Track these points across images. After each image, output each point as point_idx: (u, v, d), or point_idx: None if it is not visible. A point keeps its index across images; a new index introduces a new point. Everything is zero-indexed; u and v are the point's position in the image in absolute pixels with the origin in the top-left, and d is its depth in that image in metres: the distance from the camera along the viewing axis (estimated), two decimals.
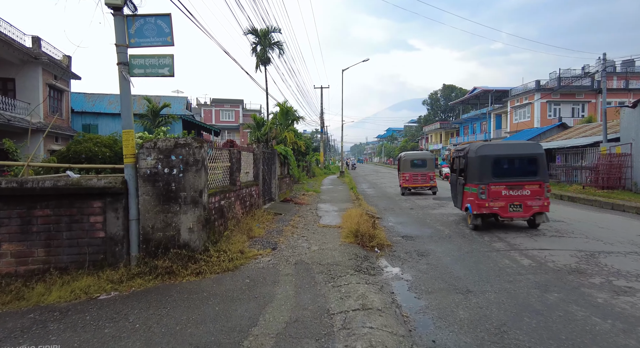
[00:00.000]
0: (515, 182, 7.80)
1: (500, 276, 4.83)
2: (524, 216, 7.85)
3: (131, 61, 5.31)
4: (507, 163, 8.29)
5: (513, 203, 7.70)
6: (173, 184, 5.35)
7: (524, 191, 7.75)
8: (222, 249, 5.62)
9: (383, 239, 6.81)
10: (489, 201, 7.70)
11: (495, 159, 8.01)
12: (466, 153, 8.75)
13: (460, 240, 7.04)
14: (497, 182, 7.79)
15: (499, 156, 8.13)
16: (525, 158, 8.21)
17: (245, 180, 8.68)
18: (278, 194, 12.33)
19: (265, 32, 25.55)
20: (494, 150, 8.24)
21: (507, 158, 8.30)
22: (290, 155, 13.93)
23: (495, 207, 7.68)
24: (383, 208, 11.89)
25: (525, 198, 7.71)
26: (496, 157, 8.05)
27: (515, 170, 8.20)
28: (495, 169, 7.95)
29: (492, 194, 7.72)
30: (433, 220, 9.36)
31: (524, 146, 8.97)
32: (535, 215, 7.80)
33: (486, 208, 7.73)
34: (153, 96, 24.95)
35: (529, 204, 7.69)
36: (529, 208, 7.70)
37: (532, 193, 7.73)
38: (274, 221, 8.66)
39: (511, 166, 8.28)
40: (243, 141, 41.09)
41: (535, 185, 7.80)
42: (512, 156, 8.30)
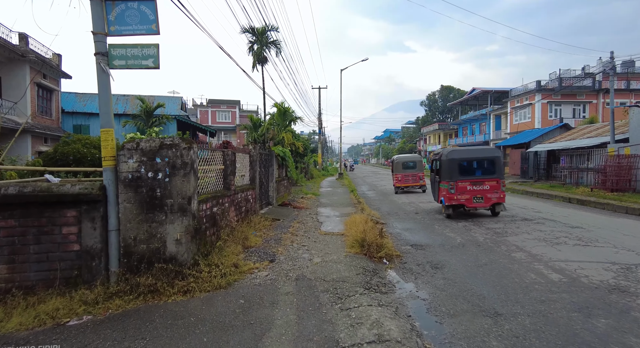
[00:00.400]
0: (477, 179, 9.70)
1: (529, 295, 4.26)
2: (485, 206, 9.77)
3: (110, 51, 4.70)
4: (471, 164, 10.07)
5: (476, 195, 9.61)
6: (158, 190, 4.74)
7: (485, 186, 9.65)
8: (213, 262, 5.02)
9: (391, 249, 6.22)
10: (457, 194, 9.60)
11: (461, 161, 9.94)
12: (440, 156, 10.53)
13: (475, 249, 6.47)
14: (463, 179, 9.65)
15: (464, 159, 10.06)
16: (485, 160, 10.15)
17: (240, 184, 8.08)
18: (276, 198, 11.73)
19: (262, 30, 24.96)
20: (461, 154, 10.24)
21: (470, 160, 10.13)
22: (289, 157, 13.33)
23: (462, 199, 9.59)
24: (386, 212, 11.31)
25: (485, 192, 9.62)
26: (462, 160, 9.99)
27: (478, 170, 10.06)
28: (462, 170, 9.83)
29: (459, 189, 9.62)
30: (441, 225, 8.79)
31: (485, 150, 11.30)
32: (494, 205, 9.76)
33: (455, 200, 9.62)
34: (147, 96, 24.31)
35: (489, 196, 9.62)
36: (489, 200, 9.64)
37: (491, 187, 9.64)
38: (272, 227, 8.05)
39: (474, 166, 10.09)
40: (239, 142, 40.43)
41: (493, 181, 9.67)
42: (475, 159, 10.17)
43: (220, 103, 52.02)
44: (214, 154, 6.58)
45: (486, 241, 7.05)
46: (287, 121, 23.75)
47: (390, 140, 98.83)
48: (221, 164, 6.74)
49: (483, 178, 9.73)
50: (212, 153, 6.38)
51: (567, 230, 7.79)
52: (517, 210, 10.93)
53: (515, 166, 26.83)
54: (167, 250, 4.73)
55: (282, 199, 12.93)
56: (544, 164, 23.17)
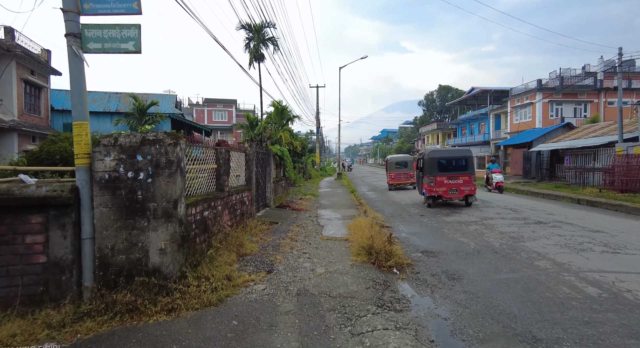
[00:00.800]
0: (452, 175, 11.55)
1: (567, 313, 3.69)
2: (459, 197, 11.68)
3: (84, 32, 4.08)
4: (448, 162, 12.03)
5: (451, 188, 11.48)
6: (139, 193, 4.14)
7: (459, 181, 11.49)
8: (203, 275, 4.41)
9: (401, 257, 5.63)
10: (435, 187, 11.48)
11: (440, 159, 11.91)
12: (423, 156, 12.65)
13: (492, 257, 5.90)
14: (441, 175, 11.52)
15: (442, 157, 12.12)
16: (459, 159, 12.15)
17: (235, 185, 7.48)
18: (273, 200, 11.12)
19: (259, 27, 24.35)
20: (440, 154, 12.38)
21: (447, 159, 12.18)
22: (287, 156, 12.73)
23: (440, 191, 11.48)
24: (390, 214, 10.73)
25: (459, 185, 11.48)
26: (440, 158, 11.99)
27: (453, 167, 11.95)
28: (440, 167, 11.73)
29: (438, 183, 11.47)
30: (451, 229, 8.22)
31: (459, 151, 13.35)
32: (467, 196, 11.70)
33: (434, 192, 11.54)
34: (140, 94, 23.62)
35: (462, 189, 11.49)
36: (462, 192, 11.51)
37: (464, 181, 11.50)
38: (270, 232, 7.45)
39: (450, 164, 12.02)
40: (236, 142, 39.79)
41: (466, 176, 11.55)
42: (451, 158, 12.25)
43: (216, 102, 51.31)
44: (206, 153, 5.98)
45: (503, 247, 6.48)
46: (284, 120, 23.17)
47: (388, 140, 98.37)
48: (213, 164, 6.13)
49: (457, 173, 11.66)
50: (203, 151, 5.77)
51: (588, 234, 7.24)
52: (528, 212, 10.39)
53: (517, 166, 26.37)
54: (149, 261, 4.13)
55: (280, 200, 12.33)
56: (547, 164, 22.72)
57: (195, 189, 5.41)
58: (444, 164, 11.93)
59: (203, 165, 5.71)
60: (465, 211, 10.88)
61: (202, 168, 5.66)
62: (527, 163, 24.26)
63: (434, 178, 11.52)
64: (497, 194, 16.04)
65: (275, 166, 12.41)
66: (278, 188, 12.39)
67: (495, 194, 16.10)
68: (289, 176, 14.04)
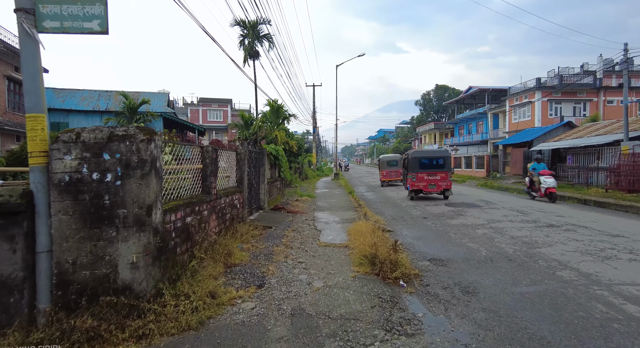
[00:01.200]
0: (431, 172, 13.44)
1: (613, 341, 3.12)
2: (437, 191, 13.51)
3: (39, 8, 3.46)
4: (428, 161, 13.82)
5: (430, 183, 13.32)
6: (106, 197, 3.54)
7: (437, 177, 13.34)
8: (183, 292, 3.81)
9: (408, 266, 5.05)
10: (417, 182, 13.35)
11: (421, 159, 13.79)
12: (408, 156, 14.56)
13: (508, 265, 5.34)
14: (422, 172, 13.40)
15: (423, 157, 14.05)
16: (438, 158, 14.06)
17: (225, 186, 6.87)
18: (267, 202, 10.52)
19: (254, 23, 23.71)
20: (421, 154, 14.44)
21: (428, 158, 14.06)
22: (282, 155, 12.13)
23: (421, 185, 13.35)
24: (391, 217, 10.16)
25: (437, 181, 13.31)
26: (422, 157, 13.91)
27: (432, 165, 13.75)
28: (421, 165, 13.55)
29: (419, 178, 13.34)
30: (457, 233, 7.66)
31: (438, 151, 16.82)
32: (444, 190, 13.53)
33: (416, 186, 13.39)
34: (131, 92, 22.93)
35: (440, 184, 13.32)
36: (440, 186, 13.35)
37: (441, 178, 13.35)
38: (263, 238, 6.85)
39: (430, 163, 13.79)
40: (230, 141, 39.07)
41: (443, 173, 13.43)
42: (431, 157, 14.21)
43: (211, 102, 50.60)
44: (191, 151, 5.38)
45: (517, 254, 5.93)
46: (280, 119, 22.60)
47: (384, 140, 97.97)
48: (199, 164, 5.52)
49: (436, 171, 13.56)
50: (185, 149, 5.16)
51: (608, 239, 6.71)
52: (536, 214, 9.86)
53: (517, 166, 25.90)
54: (118, 277, 3.53)
55: (275, 202, 11.73)
56: (548, 163, 22.26)
57: (177, 193, 4.80)
58: (424, 163, 13.72)
59: (186, 165, 5.10)
60: (470, 213, 10.34)
61: (185, 168, 5.06)
62: (528, 163, 23.78)
63: (416, 175, 13.44)
64: (502, 195, 15.52)
65: (269, 167, 11.81)
66: (273, 189, 11.80)
67: (500, 195, 15.58)
68: (284, 177, 13.45)
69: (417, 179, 13.37)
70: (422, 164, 13.57)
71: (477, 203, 12.44)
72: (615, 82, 32.76)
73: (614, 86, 31.90)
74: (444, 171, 13.46)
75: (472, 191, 17.38)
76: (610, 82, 32.58)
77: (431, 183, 13.33)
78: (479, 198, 13.93)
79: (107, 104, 21.46)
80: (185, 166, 5.07)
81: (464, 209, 11.10)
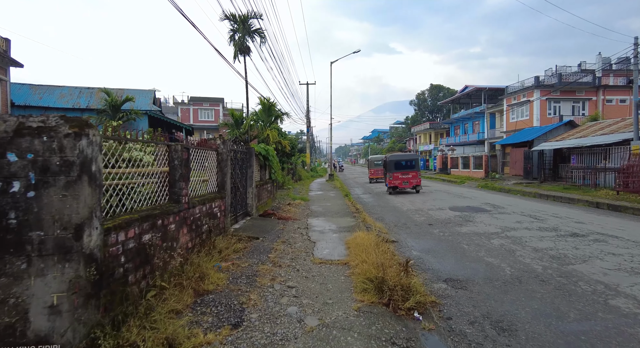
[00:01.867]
0: (404, 171, 16.56)
1: None
2: (409, 187, 16.60)
3: None
4: (400, 163, 16.84)
5: (404, 181, 16.44)
6: (13, 215, 2.53)
7: (409, 175, 16.50)
8: (128, 341, 2.80)
9: (422, 292, 4.08)
10: (393, 180, 16.44)
11: (397, 161, 16.89)
12: (386, 159, 18.13)
13: (542, 288, 4.40)
14: (397, 171, 16.51)
15: (398, 160, 17.07)
16: (410, 160, 17.17)
17: (202, 192, 5.84)
18: (256, 207, 9.50)
19: (245, 17, 22.67)
20: (396, 157, 17.45)
21: (401, 160, 17.06)
22: (272, 155, 11.11)
23: (396, 183, 16.42)
24: (392, 223, 9.21)
25: (409, 179, 16.49)
26: (397, 160, 16.97)
27: (405, 166, 16.74)
28: (397, 166, 16.66)
29: (395, 177, 16.44)
30: (471, 244, 6.72)
31: (409, 155, 19.44)
32: (415, 186, 16.64)
33: (393, 184, 16.45)
34: (115, 89, 21.72)
35: (412, 181, 16.51)
36: (411, 183, 16.53)
37: (412, 176, 16.53)
38: (247, 253, 5.83)
39: (403, 164, 16.78)
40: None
41: (414, 172, 16.64)
42: (404, 160, 17.16)
43: (202, 101, 49.33)
44: (155, 150, 4.36)
45: (548, 272, 4.99)
46: (272, 117, 21.56)
47: (379, 140, 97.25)
48: (165, 166, 4.50)
49: (408, 171, 16.68)
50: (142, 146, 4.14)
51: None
52: (552, 220, 8.96)
53: (517, 166, 25.14)
54: (29, 328, 2.52)
55: (265, 207, 10.71)
56: (550, 163, 21.52)
57: (132, 203, 3.78)
58: (399, 165, 16.81)
59: (145, 168, 4.08)
60: (479, 218, 9.43)
61: (143, 171, 4.03)
62: (529, 163, 23.04)
63: (392, 174, 16.60)
64: (506, 197, 14.66)
65: (258, 168, 10.79)
66: (262, 193, 10.77)
67: (505, 197, 14.73)
68: (275, 179, 12.44)
69: (393, 178, 16.53)
70: (397, 166, 16.75)
71: (484, 207, 11.54)
72: (612, 81, 32.22)
73: (613, 85, 31.38)
74: (414, 171, 16.78)
75: (474, 193, 16.51)
76: (608, 81, 32.04)
77: (404, 181, 16.58)
78: (484, 201, 13.05)
79: (88, 101, 20.23)
80: (144, 169, 4.04)
81: (471, 214, 10.18)
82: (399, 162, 16.84)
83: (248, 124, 21.05)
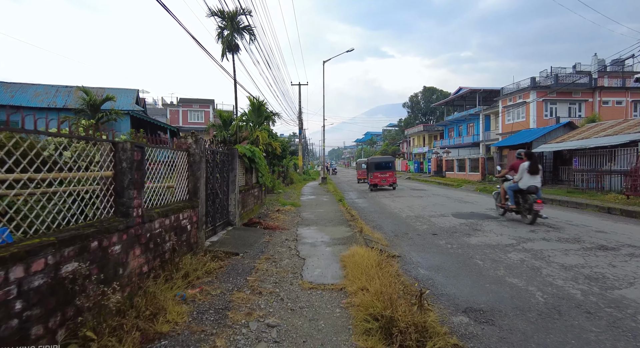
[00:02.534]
0: (382, 171, 20.25)
1: None
2: (387, 184, 20.13)
3: None
4: (379, 164, 20.71)
5: (382, 179, 20.06)
6: None
7: (386, 175, 20.18)
8: None
9: (441, 332, 3.12)
10: (374, 179, 20.05)
11: (376, 163, 20.78)
12: (368, 161, 21.71)
13: (593, 325, 3.47)
14: (377, 171, 20.17)
15: (377, 162, 20.98)
16: (387, 162, 21.20)
17: (166, 201, 4.82)
18: (240, 215, 8.48)
19: (233, 14, 21.65)
20: (376, 160, 21.39)
21: (380, 162, 21.05)
22: (259, 157, 10.09)
23: (376, 181, 20.03)
24: (392, 232, 8.26)
25: (387, 178, 20.11)
26: (377, 162, 20.89)
27: (383, 167, 20.55)
28: (376, 167, 20.39)
29: (375, 176, 20.05)
30: (486, 259, 5.80)
31: (386, 158, 22.92)
32: (391, 183, 20.18)
33: (373, 182, 20.04)
34: (95, 88, 20.57)
35: (388, 179, 20.11)
36: (389, 181, 20.11)
37: (389, 175, 20.21)
38: (222, 274, 4.82)
39: (381, 165, 20.65)
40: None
41: (390, 172, 20.37)
42: (382, 162, 21.21)
43: (192, 102, 48.17)
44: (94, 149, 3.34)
45: (591, 300, 4.06)
46: (262, 118, 20.57)
47: (372, 143, 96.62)
48: (109, 169, 3.49)
49: (385, 170, 20.43)
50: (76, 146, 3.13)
51: None
52: (570, 229, 8.08)
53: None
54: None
55: (251, 214, 9.69)
56: (550, 166, 20.82)
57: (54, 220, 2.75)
58: (378, 166, 20.66)
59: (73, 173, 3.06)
60: (487, 227, 8.52)
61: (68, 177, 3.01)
62: None
63: (373, 174, 20.36)
64: None
65: (244, 171, 9.77)
66: (248, 199, 9.75)
67: None
68: (263, 183, 11.42)
69: (374, 177, 20.36)
70: (377, 167, 20.64)
71: (490, 214, 10.66)
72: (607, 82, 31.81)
73: (610, 86, 30.97)
74: (391, 171, 20.80)
75: (475, 198, 15.66)
76: (603, 83, 31.64)
77: (383, 179, 20.38)
78: (487, 207, 12.18)
79: (65, 100, 19.01)
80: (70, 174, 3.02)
81: (477, 222, 9.28)
82: (378, 164, 20.87)
83: (237, 124, 20.04)
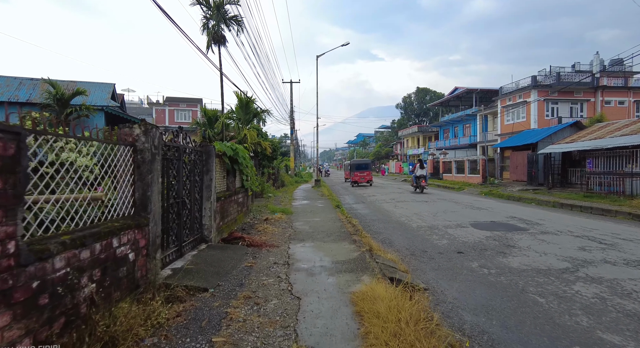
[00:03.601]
0: (361, 171, 27.77)
1: None
2: (364, 182, 27.29)
3: None
4: (360, 165, 28.65)
5: (361, 177, 27.41)
6: None
7: (364, 174, 27.61)
8: None
9: None
10: (354, 177, 27.57)
11: (356, 165, 28.90)
12: (350, 163, 31.27)
13: None
14: (356, 171, 27.72)
15: (357, 164, 29.23)
16: (364, 164, 29.57)
17: (92, 220, 3.15)
18: (217, 228, 6.81)
19: (220, 3, 20.02)
20: (356, 162, 30.28)
21: (359, 164, 29.25)
22: (243, 157, 8.42)
23: (356, 179, 27.45)
24: (406, 249, 6.68)
25: (364, 176, 27.49)
26: (356, 164, 29.06)
27: (362, 167, 28.32)
28: (357, 167, 28.24)
29: (355, 175, 27.56)
30: (547, 295, 4.25)
31: (364, 160, 33.12)
32: (368, 181, 27.45)
33: (354, 179, 27.52)
34: (65, 82, 18.65)
35: (366, 177, 27.49)
36: (366, 179, 27.43)
37: (366, 174, 27.68)
38: (175, 329, 3.15)
39: (361, 166, 28.51)
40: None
41: (367, 172, 27.91)
42: (361, 163, 29.53)
43: (179, 101, 46.16)
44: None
45: None
46: (250, 115, 18.88)
47: (364, 144, 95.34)
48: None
49: (363, 170, 27.42)
50: None
51: None
52: (627, 245, 6.56)
53: (518, 171, 23.15)
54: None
55: (232, 226, 8.02)
56: (559, 168, 19.54)
57: None
58: (357, 166, 27.81)
59: None
60: (520, 241, 7.01)
61: None
62: (533, 168, 21.02)
63: (354, 173, 27.15)
64: (527, 208, 12.37)
65: (224, 173, 8.11)
66: (229, 207, 8.08)
67: (525, 208, 12.44)
68: (249, 187, 9.78)
69: (354, 175, 27.04)
70: (357, 167, 27.64)
71: (514, 223, 9.17)
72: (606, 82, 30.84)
73: (613, 86, 29.99)
74: (368, 171, 27.43)
75: (486, 203, 14.20)
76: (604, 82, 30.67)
77: (361, 177, 26.87)
78: (506, 215, 10.69)
79: (29, 94, 17.08)
80: None
81: (506, 234, 7.77)
82: (359, 165, 28.27)
83: (222, 122, 18.34)
